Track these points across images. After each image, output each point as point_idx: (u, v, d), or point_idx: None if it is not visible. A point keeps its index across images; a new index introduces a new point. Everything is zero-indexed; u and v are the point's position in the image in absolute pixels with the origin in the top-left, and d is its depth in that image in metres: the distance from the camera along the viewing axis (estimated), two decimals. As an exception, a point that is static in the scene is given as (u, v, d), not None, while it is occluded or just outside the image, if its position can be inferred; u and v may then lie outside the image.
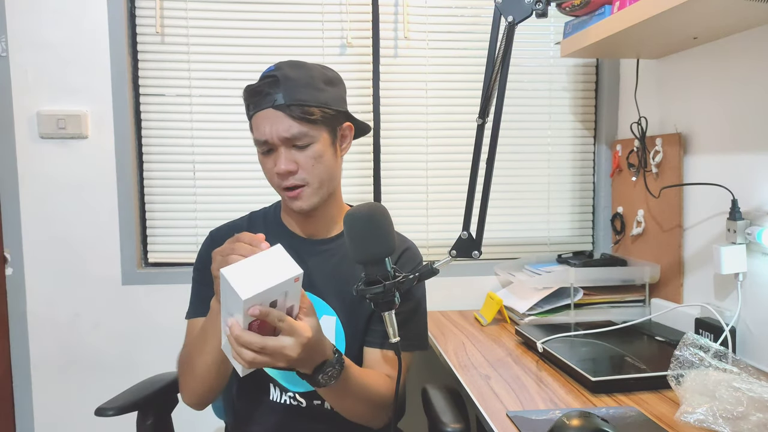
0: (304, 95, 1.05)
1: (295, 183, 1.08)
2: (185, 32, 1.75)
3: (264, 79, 1.07)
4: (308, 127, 1.05)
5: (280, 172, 1.07)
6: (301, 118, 1.04)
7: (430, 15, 1.82)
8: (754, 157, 1.26)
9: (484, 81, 1.02)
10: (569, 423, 0.85)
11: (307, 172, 1.08)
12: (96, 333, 1.75)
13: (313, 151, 1.07)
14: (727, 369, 1.00)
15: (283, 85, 1.04)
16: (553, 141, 1.90)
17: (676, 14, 1.13)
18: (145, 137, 1.77)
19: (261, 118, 1.05)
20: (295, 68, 1.08)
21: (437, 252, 1.87)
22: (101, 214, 1.73)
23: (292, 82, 1.05)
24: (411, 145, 1.85)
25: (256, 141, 1.08)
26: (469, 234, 1.01)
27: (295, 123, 1.04)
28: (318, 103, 1.07)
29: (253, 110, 1.07)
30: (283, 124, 1.04)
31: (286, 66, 1.08)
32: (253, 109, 1.07)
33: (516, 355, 1.35)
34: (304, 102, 1.05)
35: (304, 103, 1.05)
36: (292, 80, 1.05)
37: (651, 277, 1.57)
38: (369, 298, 0.92)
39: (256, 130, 1.07)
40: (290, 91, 1.04)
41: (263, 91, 1.05)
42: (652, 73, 1.64)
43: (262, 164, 1.11)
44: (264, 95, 1.05)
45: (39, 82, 1.68)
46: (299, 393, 1.14)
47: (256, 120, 1.07)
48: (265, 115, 1.05)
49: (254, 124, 1.07)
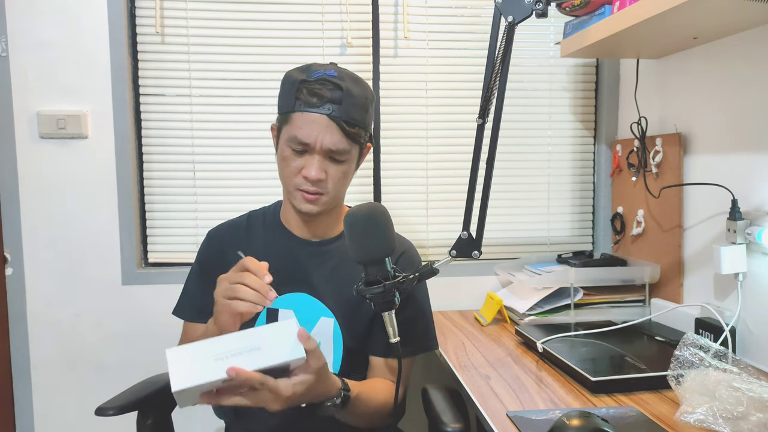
0: (358, 116, 1.06)
1: (318, 190, 1.08)
2: (185, 32, 1.75)
3: (325, 83, 1.04)
4: (351, 146, 1.07)
5: (311, 178, 1.06)
6: (350, 136, 1.05)
7: (430, 15, 1.82)
8: (754, 157, 1.26)
9: (484, 81, 1.02)
10: (569, 423, 0.85)
11: (332, 184, 1.09)
12: (96, 333, 1.75)
13: (344, 167, 1.09)
14: (727, 369, 1.00)
15: (345, 99, 1.04)
16: (553, 141, 1.90)
17: (676, 14, 1.13)
18: (145, 137, 1.77)
19: (309, 119, 1.04)
20: (355, 84, 1.08)
21: (437, 252, 1.87)
22: (101, 214, 1.73)
23: (352, 98, 1.05)
24: (411, 145, 1.85)
25: (295, 139, 1.05)
26: (469, 234, 1.01)
27: (344, 139, 1.05)
28: (365, 126, 1.09)
29: (302, 108, 1.04)
30: (333, 137, 1.04)
31: (349, 78, 1.07)
32: (302, 107, 1.04)
33: (516, 355, 1.34)
34: (357, 122, 1.06)
35: (357, 123, 1.06)
36: (353, 97, 1.05)
37: (651, 277, 1.57)
38: (369, 298, 0.92)
39: (299, 128, 1.04)
40: (349, 108, 1.04)
41: (323, 95, 1.03)
42: (652, 73, 1.64)
43: (287, 160, 1.08)
44: (322, 99, 1.03)
45: (39, 82, 1.68)
46: None
47: (301, 118, 1.04)
48: (316, 119, 1.03)
49: (297, 121, 1.05)
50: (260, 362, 0.84)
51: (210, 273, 1.12)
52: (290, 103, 1.06)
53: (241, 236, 1.20)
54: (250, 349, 0.84)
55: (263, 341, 0.85)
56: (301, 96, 1.04)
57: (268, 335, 0.86)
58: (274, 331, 0.86)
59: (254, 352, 0.84)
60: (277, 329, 0.87)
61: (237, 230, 1.22)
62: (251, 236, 1.20)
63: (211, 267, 1.14)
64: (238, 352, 0.84)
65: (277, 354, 0.85)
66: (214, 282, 0.96)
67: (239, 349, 0.84)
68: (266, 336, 0.86)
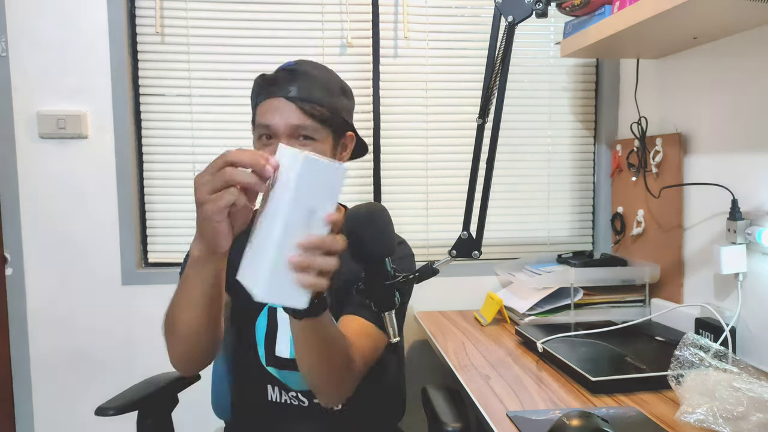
0: (319, 95, 1.06)
1: None
2: (185, 32, 1.75)
3: (282, 71, 1.07)
4: (315, 125, 1.05)
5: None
6: (311, 113, 1.04)
7: (430, 15, 1.82)
8: (754, 157, 1.26)
9: (484, 81, 1.02)
10: (569, 423, 0.85)
11: None
12: (96, 333, 1.75)
13: (315, 147, 1.06)
14: (727, 369, 1.00)
15: (301, 80, 1.05)
16: (553, 141, 1.90)
17: (676, 14, 1.13)
18: (145, 137, 1.77)
19: (269, 105, 1.04)
20: (316, 68, 1.09)
21: (437, 252, 1.87)
22: (101, 213, 1.73)
23: (310, 80, 1.06)
24: (411, 145, 1.85)
25: (259, 125, 1.06)
26: (469, 234, 1.01)
27: (303, 116, 1.04)
28: (331, 107, 1.07)
29: (263, 97, 1.06)
30: (292, 115, 1.03)
31: (308, 64, 1.09)
32: (263, 97, 1.06)
33: (516, 355, 1.34)
34: (318, 101, 1.05)
35: (317, 101, 1.05)
36: (311, 78, 1.06)
37: (651, 277, 1.57)
38: (369, 298, 0.92)
39: (261, 115, 1.05)
40: (306, 88, 1.05)
41: (279, 81, 1.05)
42: (652, 73, 1.64)
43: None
44: (279, 85, 1.04)
45: (39, 82, 1.68)
46: (302, 392, 1.14)
47: (263, 106, 1.05)
48: (274, 104, 1.04)
49: (261, 110, 1.06)
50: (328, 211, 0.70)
51: None
52: (255, 99, 1.09)
53: None
54: (309, 216, 0.70)
55: (309, 200, 0.69)
56: (261, 87, 1.07)
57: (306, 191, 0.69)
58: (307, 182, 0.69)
59: (315, 214, 0.70)
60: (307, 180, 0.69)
61: None
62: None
63: None
64: (307, 228, 0.70)
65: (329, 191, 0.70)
66: None
67: (303, 225, 0.70)
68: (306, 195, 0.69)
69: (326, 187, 0.70)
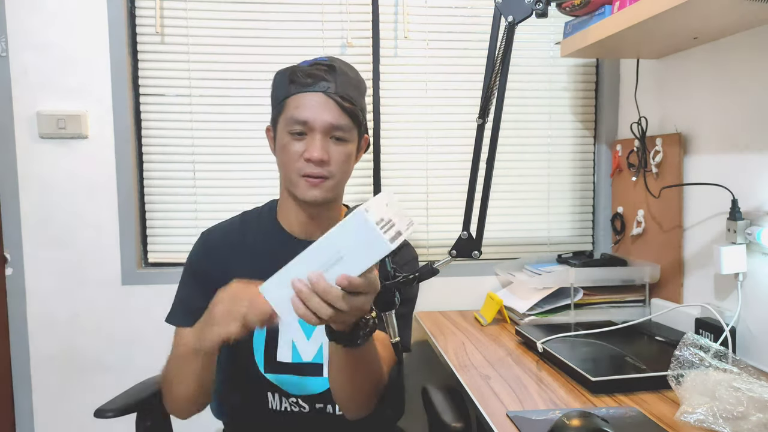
0: (354, 94, 1.07)
1: (321, 173, 1.06)
2: (185, 32, 1.75)
3: (317, 65, 1.06)
4: (350, 124, 1.06)
5: (314, 159, 1.04)
6: (350, 112, 1.05)
7: (430, 15, 1.82)
8: (754, 157, 1.26)
9: (484, 81, 1.02)
10: (569, 423, 0.85)
11: (336, 167, 1.07)
12: (96, 333, 1.75)
13: (347, 148, 1.08)
14: (727, 369, 1.00)
15: (339, 77, 1.05)
16: (553, 141, 1.90)
17: (676, 14, 1.13)
18: (145, 137, 1.77)
19: (307, 99, 1.04)
20: (348, 67, 1.10)
21: (437, 252, 1.87)
22: (101, 214, 1.73)
23: (347, 77, 1.07)
24: (411, 145, 1.85)
25: (293, 120, 1.04)
26: (469, 234, 1.01)
27: (343, 114, 1.04)
28: (361, 107, 1.09)
29: (298, 90, 1.04)
30: (332, 112, 1.04)
31: (340, 61, 1.10)
32: (296, 90, 1.05)
33: (516, 355, 1.34)
34: (353, 100, 1.07)
35: (353, 101, 1.06)
36: (347, 76, 1.07)
37: (651, 277, 1.57)
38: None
39: (296, 108, 1.04)
40: (345, 85, 1.06)
41: (318, 75, 1.04)
42: (652, 73, 1.64)
43: (287, 147, 1.07)
44: (318, 78, 1.04)
45: (39, 82, 1.68)
46: (302, 398, 1.13)
47: (298, 100, 1.04)
48: (313, 98, 1.04)
49: (295, 103, 1.05)
50: (352, 271, 0.76)
51: (203, 274, 1.12)
52: (285, 91, 1.07)
53: (236, 237, 1.18)
54: (334, 261, 0.76)
55: (342, 248, 0.76)
56: (296, 79, 1.06)
57: (344, 239, 0.76)
58: (347, 230, 0.76)
59: (340, 264, 0.76)
60: (348, 229, 0.76)
61: (232, 231, 1.20)
62: (246, 236, 1.18)
63: (204, 268, 1.13)
64: (325, 268, 0.77)
65: (364, 256, 0.76)
66: (207, 283, 0.95)
67: (324, 264, 0.77)
68: (342, 241, 0.76)
69: (363, 250, 0.75)
